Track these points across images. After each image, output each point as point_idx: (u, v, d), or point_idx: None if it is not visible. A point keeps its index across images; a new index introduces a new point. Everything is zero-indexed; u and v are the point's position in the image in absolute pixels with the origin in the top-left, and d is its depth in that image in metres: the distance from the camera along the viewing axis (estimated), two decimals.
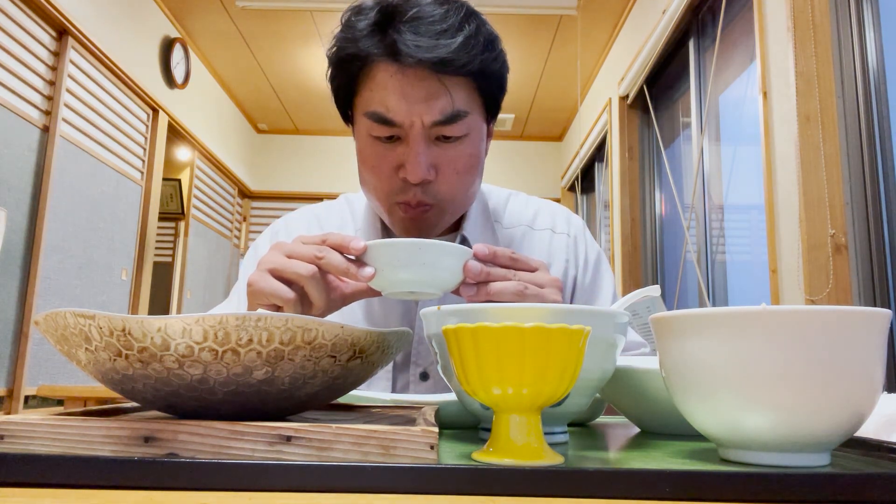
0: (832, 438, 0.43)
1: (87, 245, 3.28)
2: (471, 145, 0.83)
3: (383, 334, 0.50)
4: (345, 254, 0.66)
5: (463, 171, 0.83)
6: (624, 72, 3.78)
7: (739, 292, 2.70)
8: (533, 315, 0.51)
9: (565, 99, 5.08)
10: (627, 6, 3.78)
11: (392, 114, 0.78)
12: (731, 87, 2.82)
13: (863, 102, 1.97)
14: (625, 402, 0.64)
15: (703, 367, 0.44)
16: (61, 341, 0.46)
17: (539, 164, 5.92)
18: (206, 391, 0.44)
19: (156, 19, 3.95)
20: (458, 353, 0.43)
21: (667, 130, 3.58)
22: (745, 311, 0.42)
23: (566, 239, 0.98)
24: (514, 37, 4.18)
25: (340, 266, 0.65)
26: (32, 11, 2.86)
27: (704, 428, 0.46)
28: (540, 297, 0.68)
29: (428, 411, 0.52)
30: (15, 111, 2.74)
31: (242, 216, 5.74)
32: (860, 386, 0.42)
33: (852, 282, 1.89)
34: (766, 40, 2.26)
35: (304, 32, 4.27)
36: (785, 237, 2.08)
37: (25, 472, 0.37)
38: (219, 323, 0.42)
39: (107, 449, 0.41)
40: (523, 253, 0.93)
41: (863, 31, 2.00)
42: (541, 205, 1.03)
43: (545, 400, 0.43)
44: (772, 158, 2.18)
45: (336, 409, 0.64)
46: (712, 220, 2.94)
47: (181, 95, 4.25)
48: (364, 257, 0.66)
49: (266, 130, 5.96)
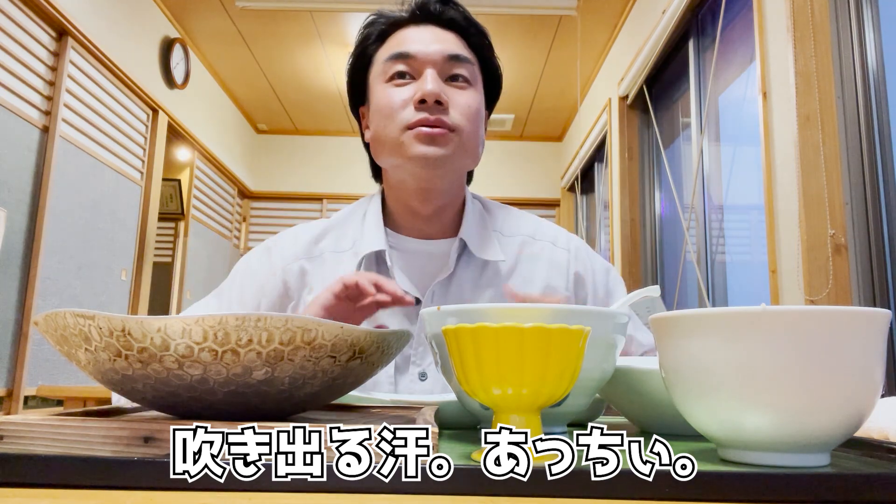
0: (832, 438, 0.43)
1: (86, 245, 3.28)
2: (475, 98, 0.92)
3: (383, 334, 0.50)
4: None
5: (471, 112, 0.90)
6: (624, 72, 3.78)
7: (739, 292, 2.70)
8: (533, 315, 0.51)
9: (565, 99, 5.08)
10: (627, 6, 3.78)
11: (409, 48, 0.90)
12: (731, 87, 2.82)
13: (863, 102, 1.97)
14: (625, 402, 0.64)
15: (703, 367, 0.44)
16: (61, 342, 0.46)
17: (539, 165, 5.92)
18: (206, 391, 0.44)
19: (156, 19, 3.95)
20: (457, 354, 0.43)
21: (666, 131, 3.58)
22: (745, 312, 0.42)
23: (566, 255, 0.99)
24: (514, 37, 4.18)
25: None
26: (32, 12, 2.86)
27: (704, 428, 0.46)
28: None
29: (428, 411, 0.52)
30: (15, 111, 2.74)
31: (242, 216, 5.74)
32: (860, 386, 0.42)
33: (852, 282, 1.89)
34: (765, 40, 2.26)
35: (304, 32, 4.26)
36: (785, 237, 2.08)
37: (25, 472, 0.37)
38: (218, 323, 0.42)
39: (106, 449, 0.41)
40: (522, 263, 0.96)
41: (863, 32, 2.00)
42: (541, 221, 1.05)
43: (545, 400, 0.43)
44: (771, 158, 2.18)
45: (336, 409, 0.64)
46: (712, 221, 2.94)
47: (181, 95, 4.25)
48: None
49: (266, 131, 5.96)
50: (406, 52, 0.90)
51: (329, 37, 4.32)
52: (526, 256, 0.97)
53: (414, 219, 0.95)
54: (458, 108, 0.89)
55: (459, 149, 0.89)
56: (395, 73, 0.90)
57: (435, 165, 0.87)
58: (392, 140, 0.89)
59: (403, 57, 0.90)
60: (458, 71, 0.91)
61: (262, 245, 1.01)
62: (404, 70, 0.90)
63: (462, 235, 0.93)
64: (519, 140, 5.94)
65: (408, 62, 0.90)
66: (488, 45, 0.97)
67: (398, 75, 0.90)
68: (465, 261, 0.93)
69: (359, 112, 1.01)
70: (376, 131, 0.91)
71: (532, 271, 0.96)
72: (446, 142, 0.87)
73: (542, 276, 0.96)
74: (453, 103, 0.89)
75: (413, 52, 0.90)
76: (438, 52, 0.90)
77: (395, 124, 0.88)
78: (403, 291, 0.76)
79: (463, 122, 0.89)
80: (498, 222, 1.00)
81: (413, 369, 0.90)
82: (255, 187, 5.82)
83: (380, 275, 0.80)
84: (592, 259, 1.01)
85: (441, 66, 0.90)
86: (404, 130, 0.87)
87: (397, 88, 0.90)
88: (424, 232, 0.96)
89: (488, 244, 0.94)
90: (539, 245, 0.98)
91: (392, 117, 0.88)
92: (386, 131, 0.89)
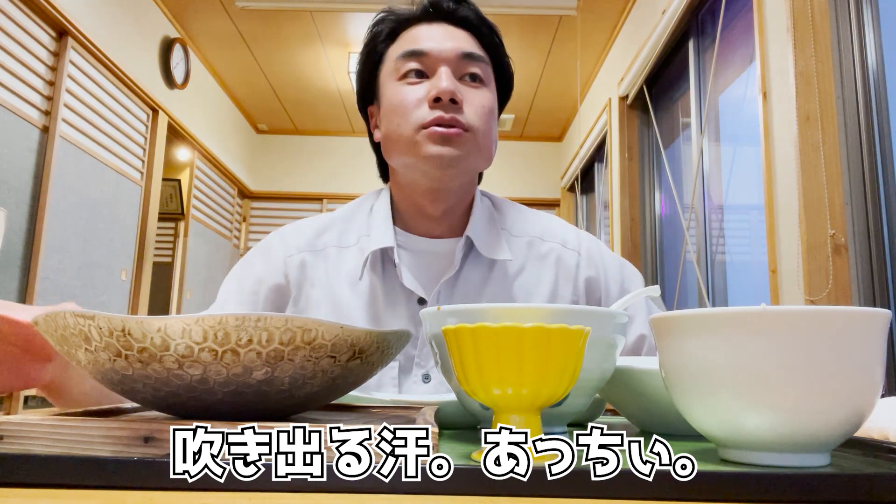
0: (832, 438, 0.43)
1: (86, 245, 3.28)
2: (489, 97, 0.91)
3: (383, 334, 0.50)
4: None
5: (485, 112, 0.89)
6: (624, 72, 3.78)
7: (739, 292, 2.70)
8: (533, 315, 0.51)
9: (565, 99, 5.08)
10: (627, 6, 3.78)
11: (422, 45, 0.89)
12: (731, 87, 2.82)
13: (863, 102, 1.97)
14: (625, 402, 0.64)
15: (703, 367, 0.44)
16: (61, 341, 0.46)
17: (539, 165, 5.92)
18: (206, 391, 0.44)
19: (156, 19, 3.95)
20: (457, 354, 0.43)
21: (666, 130, 3.58)
22: (745, 312, 0.42)
23: (576, 257, 0.96)
24: (514, 37, 4.18)
25: None
26: (32, 12, 2.86)
27: (704, 428, 0.46)
28: None
29: (428, 411, 0.52)
30: (15, 111, 2.74)
31: (242, 216, 5.74)
32: (860, 386, 0.42)
33: (852, 282, 1.89)
34: (765, 40, 2.26)
35: (304, 33, 4.26)
36: (785, 237, 2.08)
37: (25, 472, 0.37)
38: (218, 323, 0.42)
39: (106, 449, 0.41)
40: (530, 263, 0.94)
41: (863, 32, 2.00)
42: (552, 219, 1.02)
43: (545, 400, 0.43)
44: (771, 159, 2.18)
45: (336, 409, 0.64)
46: (712, 221, 2.94)
47: (181, 96, 4.25)
48: None
49: (266, 131, 5.96)
50: (420, 50, 0.89)
51: (329, 37, 4.32)
52: (534, 257, 0.95)
53: (422, 218, 0.94)
54: (472, 108, 0.88)
55: (474, 149, 0.88)
56: (408, 70, 0.89)
57: (449, 165, 0.86)
58: (406, 139, 0.87)
59: (417, 55, 0.88)
60: (472, 69, 0.89)
61: (261, 245, 0.99)
62: (418, 68, 0.88)
63: (468, 234, 0.91)
64: (519, 140, 5.94)
65: (421, 60, 0.88)
66: (500, 45, 0.96)
67: (411, 73, 0.89)
68: (471, 260, 0.92)
69: (367, 111, 0.99)
70: (388, 130, 0.90)
71: (540, 273, 0.94)
72: (461, 142, 0.86)
73: (550, 279, 0.94)
74: (468, 102, 0.88)
75: (427, 49, 0.88)
76: (452, 50, 0.88)
77: (409, 123, 0.86)
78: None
79: (477, 121, 0.88)
80: (507, 221, 0.98)
81: (417, 371, 0.89)
82: (255, 187, 5.82)
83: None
84: (604, 258, 0.98)
85: (455, 64, 0.88)
86: (418, 130, 0.86)
87: (410, 87, 0.88)
88: (432, 231, 0.94)
89: (496, 243, 0.93)
90: (548, 246, 0.96)
91: (406, 116, 0.87)
92: (399, 130, 0.87)
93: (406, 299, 0.90)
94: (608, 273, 0.96)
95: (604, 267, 0.96)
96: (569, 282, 0.94)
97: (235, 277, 0.96)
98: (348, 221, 0.97)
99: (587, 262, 0.96)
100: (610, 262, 0.98)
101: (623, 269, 0.98)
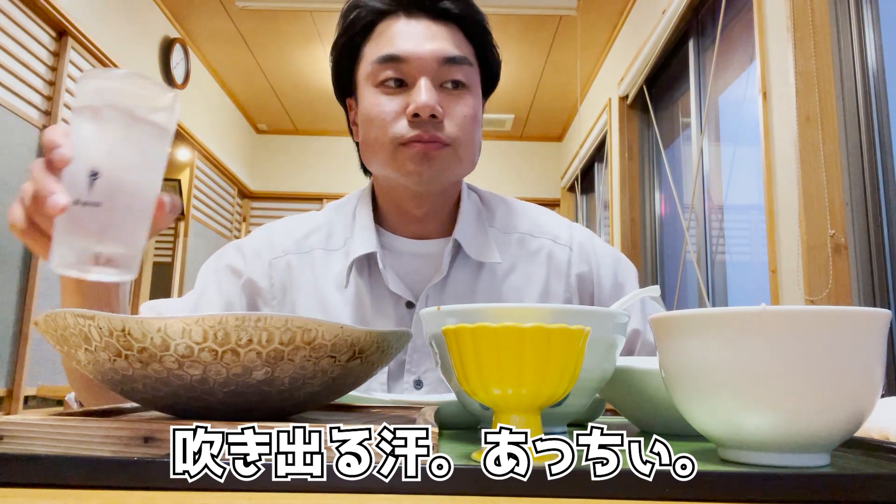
0: (832, 438, 0.43)
1: None
2: (472, 100, 0.86)
3: (383, 334, 0.50)
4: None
5: (468, 122, 0.85)
6: (624, 72, 3.78)
7: (739, 292, 2.70)
8: (533, 315, 0.51)
9: (565, 99, 5.08)
10: (627, 6, 3.78)
11: (400, 50, 0.83)
12: (731, 87, 2.82)
13: (863, 103, 1.97)
14: (625, 402, 0.64)
15: (703, 367, 0.44)
16: (61, 342, 0.46)
17: (539, 165, 5.92)
18: (206, 391, 0.44)
19: (155, 19, 3.95)
20: (457, 354, 0.43)
21: (666, 131, 3.58)
22: (745, 312, 0.42)
23: (568, 253, 0.93)
24: (514, 37, 4.18)
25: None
26: (32, 12, 2.86)
27: (704, 428, 0.46)
28: None
29: (428, 411, 0.52)
30: (15, 111, 2.74)
31: (242, 216, 5.73)
32: (860, 386, 0.42)
33: (852, 282, 1.89)
34: (765, 40, 2.26)
35: (304, 32, 4.26)
36: (785, 237, 2.08)
37: (25, 472, 0.37)
38: (218, 323, 0.42)
39: (106, 449, 0.41)
40: (520, 263, 0.92)
41: (863, 32, 2.00)
42: (542, 213, 0.99)
43: (545, 400, 0.43)
44: (771, 159, 2.18)
45: (336, 409, 0.64)
46: (712, 221, 2.94)
47: (181, 96, 4.25)
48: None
49: (266, 131, 5.95)
50: (397, 55, 0.83)
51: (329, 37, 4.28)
52: (525, 255, 0.92)
53: (406, 219, 0.91)
54: (453, 119, 0.84)
55: (454, 162, 0.85)
56: (385, 78, 0.84)
57: (428, 182, 0.84)
58: (384, 153, 0.84)
59: (394, 60, 0.83)
60: (453, 76, 0.84)
61: (247, 239, 0.97)
62: (396, 76, 0.83)
63: (456, 236, 0.89)
64: (519, 140, 5.94)
65: (399, 67, 0.83)
66: (486, 34, 0.89)
67: (389, 81, 0.84)
68: (459, 262, 0.89)
69: (346, 102, 0.95)
70: (366, 139, 0.86)
71: (530, 272, 0.91)
72: (441, 157, 0.83)
73: (541, 278, 0.91)
74: (449, 113, 0.83)
75: (405, 55, 0.83)
76: (432, 55, 0.83)
77: (387, 136, 0.83)
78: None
79: (458, 133, 0.84)
80: (496, 218, 0.95)
81: (408, 377, 0.87)
82: (255, 187, 5.82)
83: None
84: (598, 251, 0.95)
85: (435, 72, 0.83)
86: (397, 146, 0.83)
87: (388, 97, 0.83)
88: (417, 232, 0.92)
89: (484, 244, 0.90)
90: (538, 242, 0.93)
91: (384, 129, 0.83)
92: (378, 143, 0.84)
93: (394, 303, 0.88)
94: (601, 268, 0.94)
95: (596, 261, 0.94)
96: (560, 279, 0.92)
97: (213, 270, 0.95)
98: (334, 223, 0.95)
99: (579, 256, 0.93)
100: (603, 256, 0.95)
101: (617, 263, 0.95)
